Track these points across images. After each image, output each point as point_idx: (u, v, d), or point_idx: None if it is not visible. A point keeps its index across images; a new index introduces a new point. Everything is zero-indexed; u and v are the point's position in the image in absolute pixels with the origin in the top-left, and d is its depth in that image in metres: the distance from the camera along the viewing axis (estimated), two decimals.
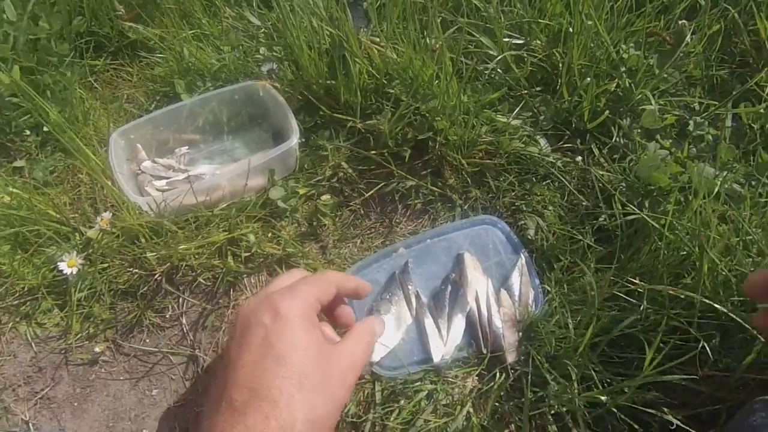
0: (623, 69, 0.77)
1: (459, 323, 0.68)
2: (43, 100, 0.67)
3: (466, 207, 0.77)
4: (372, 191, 0.77)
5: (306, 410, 0.40)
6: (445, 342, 0.67)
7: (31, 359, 0.68)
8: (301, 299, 0.45)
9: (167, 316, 0.71)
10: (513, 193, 0.76)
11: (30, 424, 0.64)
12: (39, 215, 0.69)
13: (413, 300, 0.68)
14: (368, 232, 0.77)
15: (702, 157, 0.72)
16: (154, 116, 0.78)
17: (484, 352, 0.66)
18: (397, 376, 0.64)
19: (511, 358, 0.65)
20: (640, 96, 0.75)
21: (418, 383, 0.64)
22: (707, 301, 0.58)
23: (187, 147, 0.82)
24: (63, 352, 0.69)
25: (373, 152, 0.76)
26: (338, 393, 0.44)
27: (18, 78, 0.71)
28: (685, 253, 0.64)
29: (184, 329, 0.71)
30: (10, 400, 0.65)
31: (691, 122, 0.72)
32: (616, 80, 0.76)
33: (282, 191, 0.74)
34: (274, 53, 0.86)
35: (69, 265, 0.66)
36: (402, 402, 0.64)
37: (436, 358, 0.65)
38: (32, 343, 0.69)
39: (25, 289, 0.70)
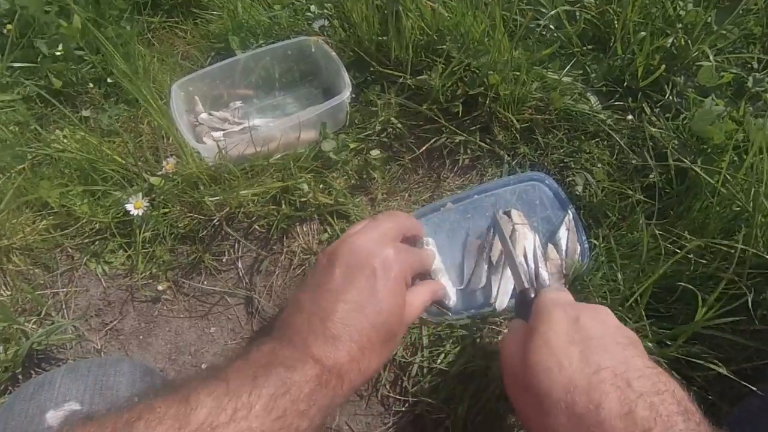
0: (679, 26, 0.76)
1: (507, 276, 0.69)
2: (112, 49, 0.70)
3: (514, 163, 0.77)
4: (422, 148, 0.78)
5: (380, 362, 0.46)
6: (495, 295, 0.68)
7: (101, 294, 0.72)
8: (406, 263, 0.50)
9: (224, 260, 0.75)
10: (561, 150, 0.77)
11: (101, 353, 0.68)
12: (106, 160, 0.73)
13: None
14: (416, 186, 0.79)
15: (759, 116, 0.71)
16: (211, 70, 0.81)
17: None
18: (444, 321, 0.67)
19: None
20: (696, 53, 0.74)
21: (464, 330, 0.66)
22: (759, 254, 0.58)
23: (240, 102, 0.85)
24: (129, 289, 0.73)
25: (424, 107, 0.77)
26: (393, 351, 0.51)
27: (81, 27, 0.73)
28: (738, 209, 0.64)
29: (240, 273, 0.74)
30: (84, 329, 0.70)
31: (749, 79, 0.70)
32: (672, 37, 0.75)
33: (333, 143, 0.76)
34: (326, 10, 0.87)
35: (136, 206, 0.70)
36: (447, 346, 0.66)
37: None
38: (101, 279, 0.73)
39: (94, 229, 0.74)
